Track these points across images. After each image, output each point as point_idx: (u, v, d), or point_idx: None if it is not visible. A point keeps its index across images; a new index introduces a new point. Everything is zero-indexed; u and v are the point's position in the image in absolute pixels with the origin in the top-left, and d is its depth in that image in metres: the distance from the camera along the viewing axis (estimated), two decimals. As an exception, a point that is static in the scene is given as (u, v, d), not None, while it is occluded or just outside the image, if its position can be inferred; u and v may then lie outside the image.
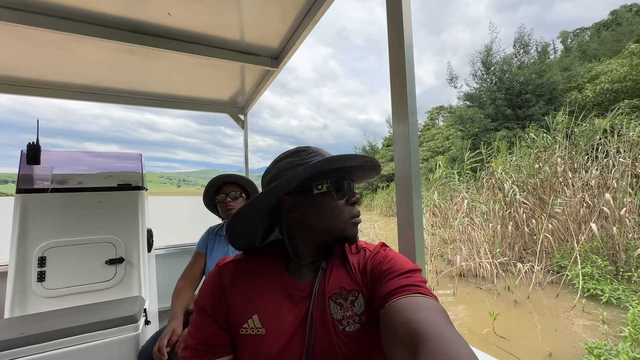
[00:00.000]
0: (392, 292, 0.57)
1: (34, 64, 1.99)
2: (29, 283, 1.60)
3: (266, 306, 0.68)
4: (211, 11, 1.57)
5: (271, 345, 0.64)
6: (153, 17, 1.61)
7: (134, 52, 1.88)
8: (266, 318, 0.66)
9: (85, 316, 1.40)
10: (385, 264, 0.66)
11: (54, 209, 1.72)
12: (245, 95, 2.87)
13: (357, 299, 0.66)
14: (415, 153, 0.95)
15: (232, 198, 1.60)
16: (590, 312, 4.19)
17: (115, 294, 1.74)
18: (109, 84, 2.41)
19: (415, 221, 0.93)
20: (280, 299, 0.68)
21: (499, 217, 6.64)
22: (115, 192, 1.88)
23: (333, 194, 0.69)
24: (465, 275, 6.05)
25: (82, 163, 1.96)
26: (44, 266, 1.63)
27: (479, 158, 8.20)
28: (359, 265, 0.70)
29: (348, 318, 0.65)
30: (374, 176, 0.81)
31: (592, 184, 6.24)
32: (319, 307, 0.66)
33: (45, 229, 1.68)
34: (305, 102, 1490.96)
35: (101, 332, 1.34)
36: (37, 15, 1.50)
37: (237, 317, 0.67)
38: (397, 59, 0.97)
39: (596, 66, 15.14)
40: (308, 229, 0.72)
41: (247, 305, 0.68)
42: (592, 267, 4.97)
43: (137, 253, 1.84)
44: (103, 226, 1.80)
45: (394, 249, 0.81)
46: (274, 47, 1.97)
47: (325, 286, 0.68)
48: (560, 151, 6.98)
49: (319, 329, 0.64)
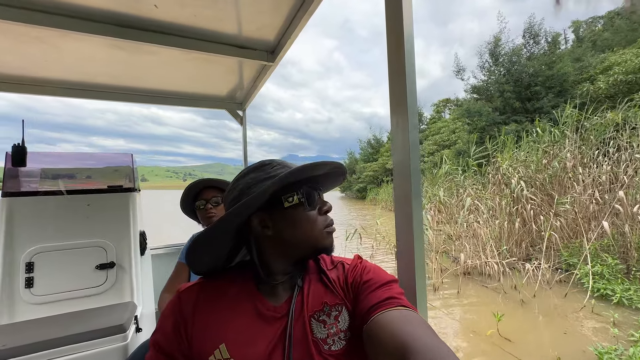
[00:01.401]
0: (374, 307, 0.57)
1: (19, 61, 1.92)
2: (16, 289, 1.55)
3: (235, 333, 0.61)
4: (200, 3, 1.47)
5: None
6: (139, 10, 1.51)
7: (123, 47, 1.80)
8: (235, 346, 0.59)
9: (73, 325, 1.35)
10: (364, 276, 0.66)
11: (42, 213, 1.66)
12: (243, 91, 2.78)
13: (341, 314, 0.64)
14: (415, 153, 0.85)
15: (213, 204, 1.50)
16: (600, 313, 4.07)
17: (107, 299, 1.68)
18: (102, 80, 2.33)
19: (415, 225, 0.84)
20: (251, 323, 0.62)
21: (505, 214, 6.50)
22: (106, 194, 1.81)
23: (305, 205, 0.66)
24: (471, 273, 5.96)
25: (71, 164, 1.89)
26: (31, 272, 1.58)
27: (484, 153, 8.02)
28: (339, 279, 0.69)
29: (333, 336, 0.61)
30: (341, 182, 0.81)
31: (603, 179, 6.05)
32: (298, 327, 0.60)
33: (33, 234, 1.62)
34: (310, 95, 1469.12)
35: (88, 342, 1.29)
36: (16, 9, 1.41)
37: (201, 349, 0.60)
38: (396, 52, 0.87)
39: (610, 56, 14.64)
40: (281, 245, 0.67)
41: (212, 334, 0.61)
42: (602, 266, 4.83)
43: (129, 257, 1.78)
44: (93, 230, 1.74)
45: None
46: (270, 40, 1.87)
47: (303, 304, 0.63)
48: (570, 146, 6.77)
49: (300, 352, 0.58)
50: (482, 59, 18.48)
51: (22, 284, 1.55)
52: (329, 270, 0.71)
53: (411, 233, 0.84)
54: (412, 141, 0.84)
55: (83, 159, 1.88)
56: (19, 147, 1.62)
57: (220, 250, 0.68)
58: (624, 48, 14.84)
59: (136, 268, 1.80)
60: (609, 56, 14.78)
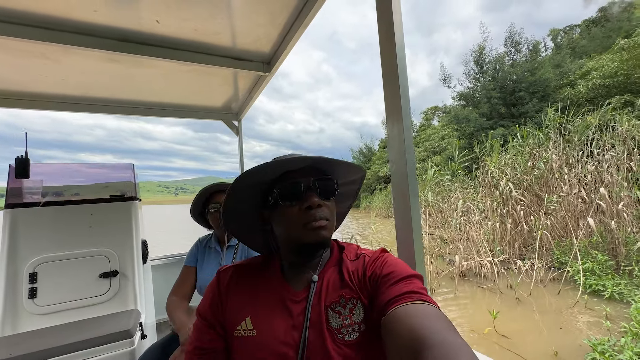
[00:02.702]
0: (393, 300, 0.56)
1: (22, 76, 1.96)
2: (19, 300, 1.55)
3: (259, 310, 0.69)
4: (200, 17, 1.55)
5: (262, 347, 0.64)
6: (141, 25, 1.58)
7: (123, 61, 1.86)
8: (258, 321, 0.67)
9: (79, 333, 1.36)
10: (384, 269, 0.64)
11: (45, 223, 1.68)
12: (239, 102, 2.85)
13: (356, 307, 0.65)
14: (411, 154, 0.93)
15: None
16: (593, 308, 4.17)
17: (110, 308, 1.69)
18: (99, 93, 2.38)
19: (414, 223, 0.91)
20: (274, 303, 0.69)
21: (497, 215, 6.64)
22: (108, 203, 1.84)
23: (279, 202, 0.69)
24: (466, 275, 6.03)
25: (73, 175, 1.92)
26: (35, 282, 1.58)
27: (473, 156, 8.23)
28: (357, 272, 0.69)
29: (347, 327, 0.63)
30: (354, 171, 0.78)
31: (589, 179, 6.27)
32: (315, 313, 0.65)
33: (36, 244, 1.64)
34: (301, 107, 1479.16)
35: (96, 348, 1.31)
36: (22, 26, 1.47)
37: (232, 319, 0.69)
38: (389, 60, 0.96)
39: (587, 62, 15.31)
40: (279, 240, 0.75)
41: (241, 308, 0.70)
42: (593, 263, 4.96)
43: (132, 265, 1.80)
44: (96, 239, 1.76)
45: (393, 251, 0.80)
46: (266, 51, 1.95)
47: (321, 293, 0.67)
48: (555, 147, 7.01)
49: (314, 338, 0.63)
50: (468, 67, 19.16)
51: (25, 294, 1.56)
52: (350, 262, 0.72)
53: (410, 237, 0.90)
54: (407, 148, 0.91)
55: (85, 168, 1.91)
56: (22, 159, 1.65)
57: (245, 226, 0.79)
58: (600, 54, 15.54)
59: (139, 276, 1.81)
60: (587, 62, 15.47)
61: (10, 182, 1.65)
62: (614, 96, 10.88)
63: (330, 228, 0.70)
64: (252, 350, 0.65)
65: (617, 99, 10.39)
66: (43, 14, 1.43)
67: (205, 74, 2.15)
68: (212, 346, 0.70)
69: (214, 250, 1.57)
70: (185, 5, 1.45)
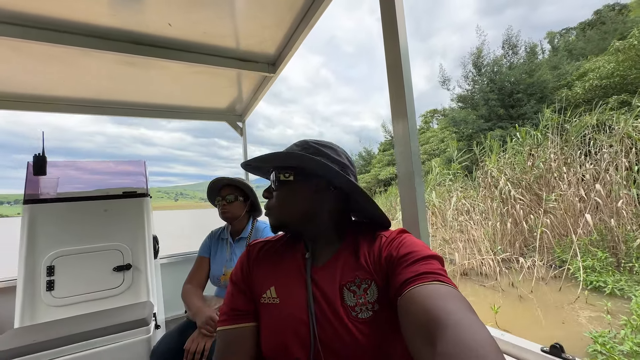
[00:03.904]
0: (409, 280, 0.56)
1: (37, 79, 2.04)
2: (38, 292, 1.61)
3: (282, 280, 0.75)
4: (209, 20, 1.63)
5: (284, 314, 0.71)
6: (153, 29, 1.66)
7: (134, 63, 1.94)
8: (281, 290, 0.74)
9: (97, 322, 1.41)
10: (401, 250, 0.65)
11: (61, 218, 1.74)
12: (243, 103, 2.92)
13: (370, 287, 0.67)
14: (416, 153, 0.98)
15: (227, 201, 1.61)
16: (594, 303, 4.21)
17: (124, 300, 1.75)
18: (110, 96, 2.46)
19: (420, 220, 0.95)
20: (295, 275, 0.75)
21: (497, 215, 6.69)
22: (121, 199, 1.90)
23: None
24: (468, 274, 6.06)
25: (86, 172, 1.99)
26: (52, 275, 1.64)
27: (472, 157, 8.31)
28: (374, 252, 0.70)
29: (361, 305, 0.66)
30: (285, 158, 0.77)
31: (587, 177, 6.33)
32: (318, 293, 0.70)
33: (53, 238, 1.70)
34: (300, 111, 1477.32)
35: (114, 335, 1.36)
36: (39, 30, 1.54)
37: (259, 287, 0.77)
38: (394, 62, 1.02)
39: (584, 64, 15.47)
40: None
41: (267, 278, 0.77)
42: (593, 260, 5.00)
43: (144, 259, 1.86)
44: (110, 234, 1.82)
45: None
46: (271, 53, 2.03)
47: (337, 273, 0.71)
48: (553, 147, 7.09)
49: (331, 313, 0.67)
50: (466, 69, 19.32)
51: (43, 287, 1.61)
52: (368, 243, 0.73)
53: (417, 228, 0.96)
54: (413, 146, 0.98)
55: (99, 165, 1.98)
56: (40, 157, 1.72)
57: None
58: (596, 56, 15.71)
59: (151, 270, 1.87)
60: (584, 63, 15.63)
61: (28, 179, 1.72)
62: (611, 96, 11.00)
63: (276, 213, 0.77)
64: (275, 316, 0.72)
65: (615, 99, 10.51)
66: (59, 17, 1.50)
67: (211, 75, 2.23)
68: (244, 308, 0.77)
69: (227, 242, 1.64)
70: (196, 8, 1.53)
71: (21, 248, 1.63)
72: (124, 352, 1.36)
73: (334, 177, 0.73)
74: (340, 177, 0.71)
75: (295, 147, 0.79)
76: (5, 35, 1.48)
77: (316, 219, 0.76)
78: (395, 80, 1.02)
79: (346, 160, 0.80)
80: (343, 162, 0.78)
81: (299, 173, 0.75)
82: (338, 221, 0.78)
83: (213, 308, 1.42)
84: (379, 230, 0.75)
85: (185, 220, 39.57)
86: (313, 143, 0.78)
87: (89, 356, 1.28)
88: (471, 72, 19.04)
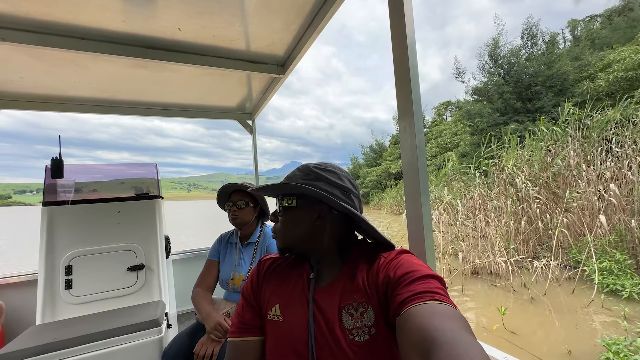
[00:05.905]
0: (406, 300, 0.56)
1: (53, 81, 2.10)
2: (57, 290, 1.68)
3: (287, 299, 0.77)
4: (219, 24, 1.63)
5: (286, 332, 0.73)
6: (164, 33, 1.67)
7: (146, 66, 1.96)
8: (284, 308, 0.76)
9: (112, 321, 1.48)
10: (398, 271, 0.64)
11: (78, 220, 1.81)
12: (253, 102, 2.94)
13: (367, 311, 0.67)
14: (422, 154, 0.97)
15: (237, 207, 1.63)
16: (610, 308, 4.09)
17: (137, 299, 1.81)
18: (123, 96, 2.51)
19: (424, 220, 0.96)
20: (299, 295, 0.76)
21: (511, 213, 6.55)
22: (134, 201, 1.96)
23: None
24: (479, 273, 5.99)
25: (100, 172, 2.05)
26: (70, 274, 1.71)
27: (490, 153, 8.10)
28: (372, 274, 0.70)
29: (358, 329, 0.67)
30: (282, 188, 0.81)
31: (607, 176, 6.10)
32: (319, 313, 0.71)
33: (71, 239, 1.77)
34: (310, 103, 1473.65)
35: (127, 335, 1.42)
36: (55, 36, 1.58)
37: (266, 303, 0.80)
38: (401, 59, 1.00)
39: (608, 54, 14.71)
40: None
41: (273, 295, 0.80)
42: (611, 262, 4.85)
43: (157, 259, 1.91)
44: (123, 234, 1.88)
45: (406, 247, 0.82)
46: (280, 55, 2.02)
47: (337, 295, 0.71)
48: (573, 143, 6.84)
49: (326, 335, 0.68)
50: (482, 60, 18.66)
51: (62, 285, 1.69)
52: (367, 265, 0.73)
53: (421, 227, 0.95)
54: (418, 144, 0.96)
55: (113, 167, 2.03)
56: (57, 160, 1.78)
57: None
58: (622, 45, 14.92)
59: (163, 269, 1.93)
60: (608, 54, 14.86)
61: (46, 181, 1.78)
62: (637, 89, 10.45)
63: (281, 237, 0.79)
64: (278, 333, 0.75)
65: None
66: (73, 24, 1.53)
67: (221, 76, 2.24)
68: (252, 322, 0.80)
69: (236, 246, 1.67)
70: (205, 13, 1.53)
71: (41, 248, 1.70)
72: (137, 352, 1.41)
73: (334, 205, 0.74)
74: (338, 206, 0.72)
75: (297, 172, 0.79)
76: (25, 42, 1.53)
77: (319, 243, 0.76)
78: (401, 77, 1.00)
79: (348, 184, 0.79)
80: (345, 186, 0.78)
81: (301, 199, 0.77)
82: (341, 244, 0.78)
83: (221, 313, 1.45)
84: (381, 251, 0.75)
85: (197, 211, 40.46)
86: (314, 168, 0.78)
87: (104, 355, 1.34)
88: (487, 64, 18.41)
